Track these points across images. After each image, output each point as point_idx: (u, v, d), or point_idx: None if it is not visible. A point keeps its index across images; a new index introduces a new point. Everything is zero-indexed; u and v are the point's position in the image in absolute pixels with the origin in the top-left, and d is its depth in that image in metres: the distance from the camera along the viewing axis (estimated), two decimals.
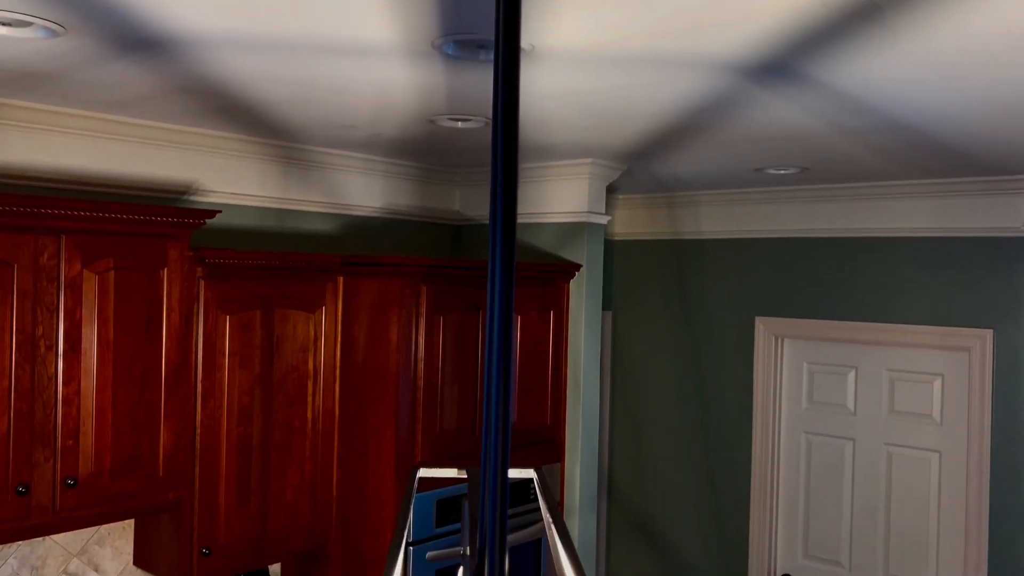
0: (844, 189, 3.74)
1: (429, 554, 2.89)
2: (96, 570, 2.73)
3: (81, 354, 2.34)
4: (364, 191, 3.43)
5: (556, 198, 3.39)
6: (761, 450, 4.12)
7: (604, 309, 4.51)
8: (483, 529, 0.77)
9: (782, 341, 4.10)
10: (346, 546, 2.97)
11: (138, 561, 2.81)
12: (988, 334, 3.48)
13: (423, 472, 1.26)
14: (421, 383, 2.88)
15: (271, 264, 2.75)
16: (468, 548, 1.06)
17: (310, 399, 2.91)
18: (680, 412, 4.41)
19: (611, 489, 4.70)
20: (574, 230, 3.38)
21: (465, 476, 1.22)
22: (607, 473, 4.70)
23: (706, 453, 4.31)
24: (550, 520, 1.02)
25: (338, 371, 2.97)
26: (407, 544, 2.85)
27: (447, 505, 2.93)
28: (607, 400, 4.69)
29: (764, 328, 4.10)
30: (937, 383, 3.69)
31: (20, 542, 2.56)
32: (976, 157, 2.88)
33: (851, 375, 3.93)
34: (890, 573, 3.82)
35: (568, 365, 3.45)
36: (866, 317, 3.80)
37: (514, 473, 1.23)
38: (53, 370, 2.29)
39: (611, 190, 4.10)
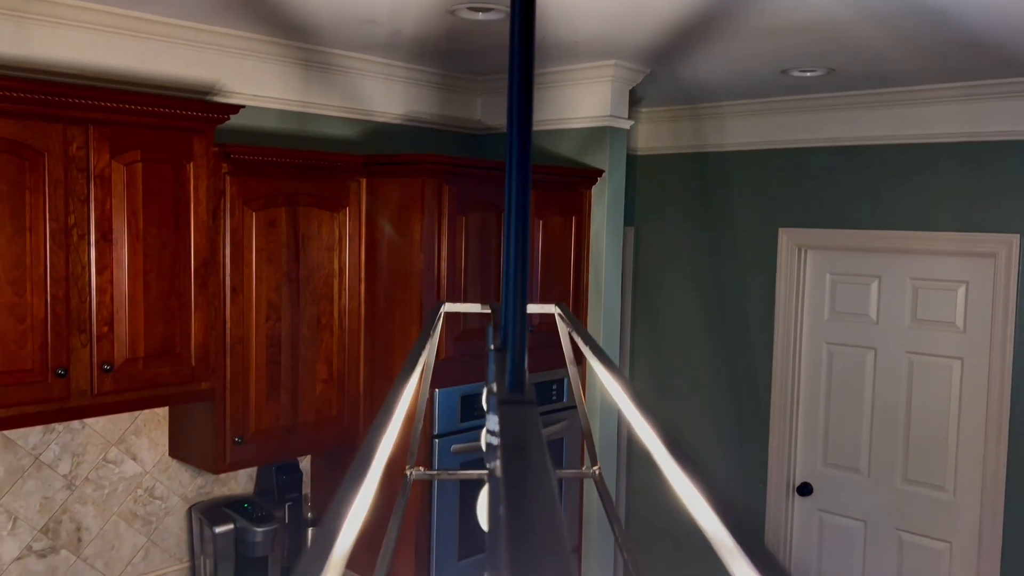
0: (869, 96, 3.69)
1: (454, 447, 2.97)
2: (134, 459, 2.83)
3: (112, 244, 2.39)
4: (385, 97, 3.44)
5: (578, 103, 3.38)
6: (782, 361, 4.15)
7: (626, 224, 4.52)
8: (505, 324, 0.79)
9: (805, 252, 4.09)
10: None
11: (173, 452, 2.91)
12: (1014, 239, 3.46)
13: (448, 307, 1.29)
14: (444, 283, 2.92)
15: (295, 162, 2.78)
16: (492, 385, 1.08)
17: (336, 297, 2.96)
18: (701, 325, 4.44)
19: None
20: (596, 136, 3.37)
21: (489, 311, 1.25)
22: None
23: (727, 365, 4.35)
24: (582, 344, 1.04)
25: (363, 270, 3.02)
26: (433, 436, 2.93)
27: (471, 401, 3.00)
28: (628, 314, 4.72)
29: (787, 239, 4.10)
30: (961, 291, 3.67)
31: (61, 430, 2.66)
32: (1009, 53, 2.82)
33: (874, 285, 3.92)
34: (908, 479, 3.86)
35: (590, 273, 3.47)
36: (890, 225, 3.78)
37: (534, 308, 1.26)
38: (86, 259, 2.35)
39: (635, 103, 4.07)
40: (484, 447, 1.11)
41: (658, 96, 3.98)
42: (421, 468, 1.31)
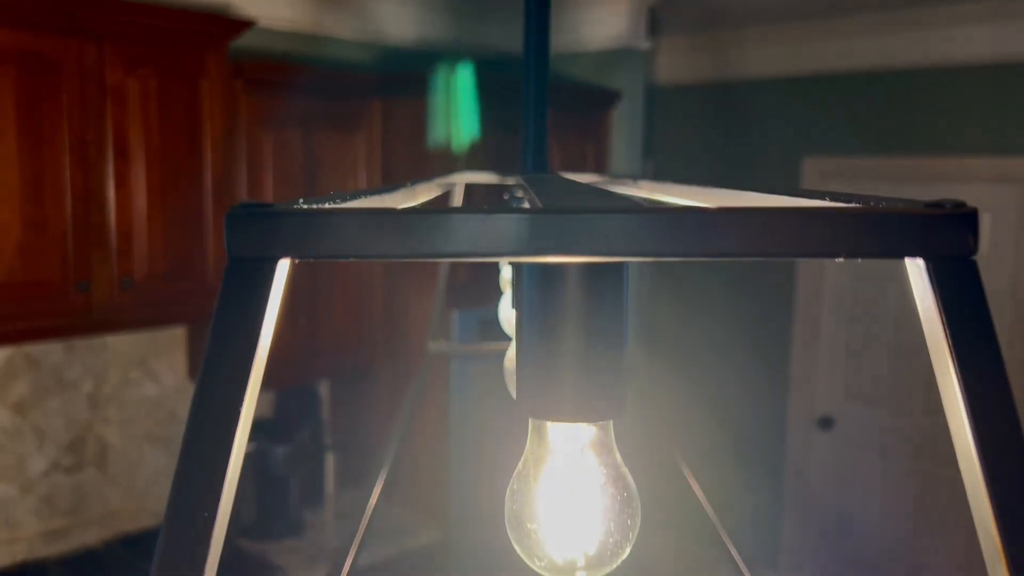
0: (895, 18, 3.60)
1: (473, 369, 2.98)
2: (155, 381, 2.87)
3: (129, 160, 2.40)
4: (399, 19, 3.39)
5: (595, 23, 3.32)
6: (804, 293, 4.11)
7: (645, 157, 4.47)
8: (525, 110, 0.78)
9: (828, 181, 4.03)
10: (392, 367, 3.07)
11: (193, 374, 2.94)
12: None
13: (468, 178, 1.28)
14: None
15: (308, 81, 2.76)
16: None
17: None
18: (722, 274, 4.40)
19: (652, 342, 4.75)
20: (614, 59, 3.32)
21: (510, 182, 1.23)
22: (647, 324, 4.74)
23: (747, 301, 4.32)
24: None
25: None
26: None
27: (489, 325, 3.00)
28: (648, 269, 4.69)
29: (811, 169, 4.03)
30: (987, 218, 3.61)
31: (83, 349, 2.69)
32: None
33: None
34: (930, 410, 3.84)
35: None
36: (916, 152, 3.71)
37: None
38: (104, 174, 2.36)
39: (656, 32, 4.00)
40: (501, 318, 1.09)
41: (679, 24, 3.91)
42: (443, 340, 1.31)
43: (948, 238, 0.27)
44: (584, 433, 0.39)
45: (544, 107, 0.74)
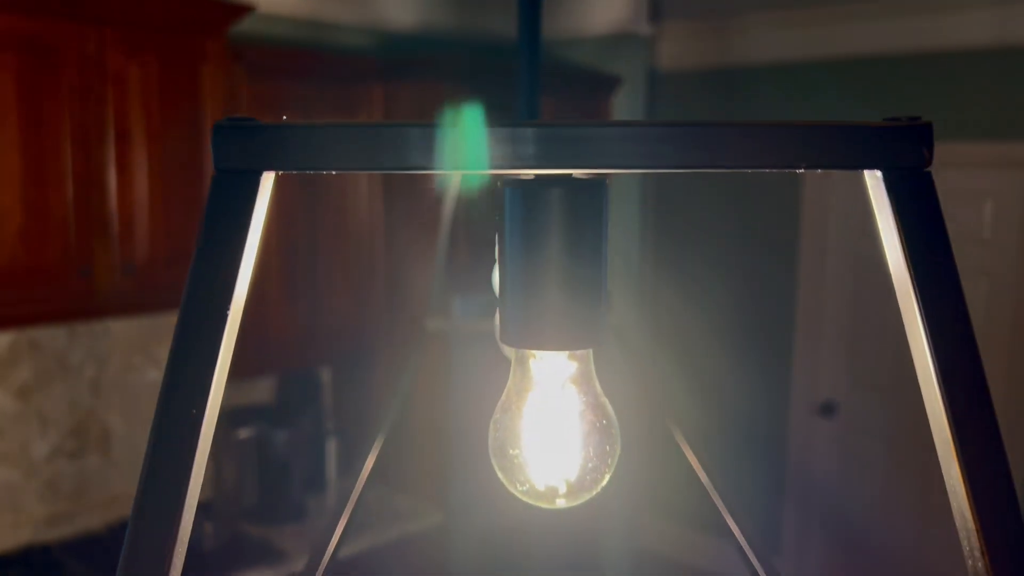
0: (898, 3, 3.60)
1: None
2: (156, 367, 2.88)
3: (131, 145, 2.41)
4: (400, 4, 3.39)
5: (596, 7, 3.32)
6: (808, 278, 4.11)
7: None
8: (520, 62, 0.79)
9: (831, 172, 4.03)
10: (394, 353, 3.08)
11: None
12: None
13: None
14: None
15: (309, 64, 2.77)
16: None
17: (352, 206, 2.97)
18: (723, 255, 4.40)
19: (654, 328, 4.76)
20: (615, 44, 3.32)
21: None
22: (649, 310, 4.75)
23: (749, 285, 4.33)
24: None
25: (380, 179, 3.02)
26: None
27: (492, 308, 3.01)
28: (649, 244, 4.70)
29: None
30: (988, 203, 3.61)
31: (86, 334, 2.70)
32: None
33: None
34: None
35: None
36: None
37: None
38: (105, 159, 2.37)
39: (657, 17, 4.00)
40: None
41: (681, 9, 3.90)
42: (441, 318, 1.32)
43: (904, 150, 0.27)
44: (564, 363, 0.40)
45: (537, 77, 0.75)
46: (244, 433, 2.88)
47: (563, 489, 0.40)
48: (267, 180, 0.28)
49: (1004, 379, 3.63)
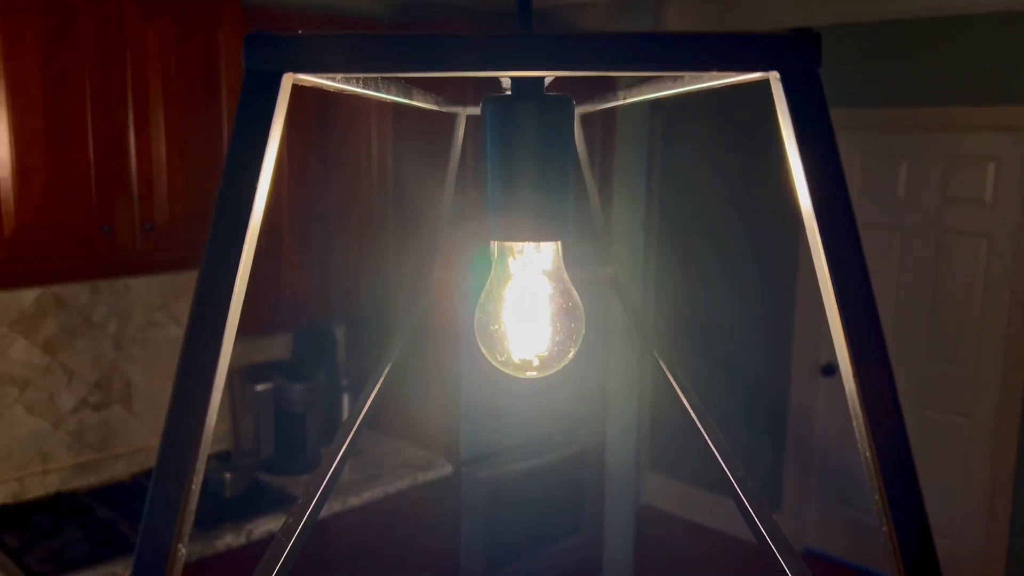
0: None
1: None
2: (176, 323, 2.98)
3: (149, 107, 2.48)
4: None
5: None
6: (808, 247, 4.16)
7: (653, 111, 4.51)
8: None
9: (840, 134, 4.06)
10: (405, 312, 3.17)
11: None
12: None
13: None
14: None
15: (321, 27, 2.82)
16: None
17: (364, 169, 3.04)
18: (725, 218, 4.46)
19: (658, 290, 4.83)
20: (623, 10, 3.36)
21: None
22: (655, 272, 4.82)
23: (752, 253, 4.38)
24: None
25: (391, 141, 3.08)
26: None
27: None
28: (655, 223, 4.75)
29: None
30: (991, 166, 3.65)
31: (108, 291, 2.80)
32: None
33: (903, 165, 3.90)
34: (931, 356, 3.91)
35: (616, 172, 3.49)
36: (921, 102, 3.74)
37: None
38: (124, 120, 2.44)
39: None
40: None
41: None
42: (449, 268, 1.39)
43: (797, 55, 0.35)
44: (536, 255, 0.47)
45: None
46: (261, 387, 2.98)
47: (536, 362, 0.48)
48: (287, 81, 0.35)
49: (1002, 338, 3.69)
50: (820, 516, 4.35)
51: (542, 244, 0.48)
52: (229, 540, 2.49)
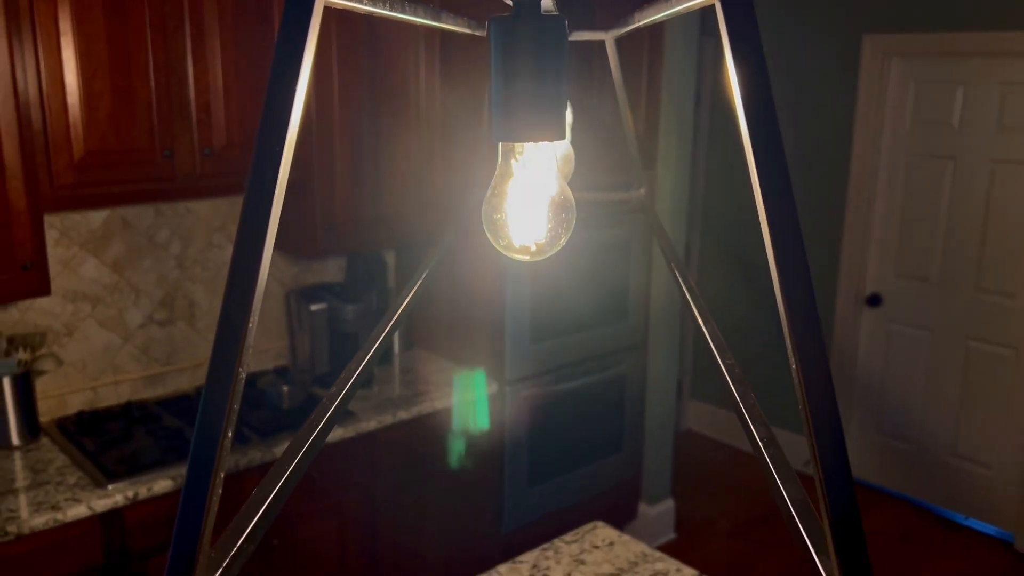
0: None
1: None
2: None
3: (205, 35, 2.58)
4: None
5: None
6: (859, 171, 4.14)
7: (703, 34, 4.46)
8: None
9: (889, 60, 3.99)
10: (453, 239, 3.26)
11: None
12: None
13: None
14: None
15: None
16: None
17: (413, 97, 3.11)
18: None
19: (706, 220, 4.85)
20: None
21: None
22: (701, 205, 4.83)
23: (802, 179, 4.36)
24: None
25: (439, 66, 3.13)
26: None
27: None
28: (705, 132, 4.73)
29: (871, 46, 3.99)
30: (960, 91, 3.59)
31: (170, 214, 2.95)
32: None
33: (959, 91, 3.82)
34: (980, 287, 3.89)
35: (662, 92, 3.49)
36: (977, 26, 3.64)
37: (584, 35, 1.36)
38: (183, 48, 2.54)
39: None
40: None
41: None
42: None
43: None
44: (534, 154, 0.55)
45: None
46: (316, 307, 3.13)
47: (533, 247, 0.56)
48: (319, 4, 0.43)
49: (976, 258, 3.68)
50: (859, 445, 4.41)
51: (538, 145, 0.55)
52: (286, 447, 2.66)
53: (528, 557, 2.12)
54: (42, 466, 2.48)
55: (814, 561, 0.42)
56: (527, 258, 0.57)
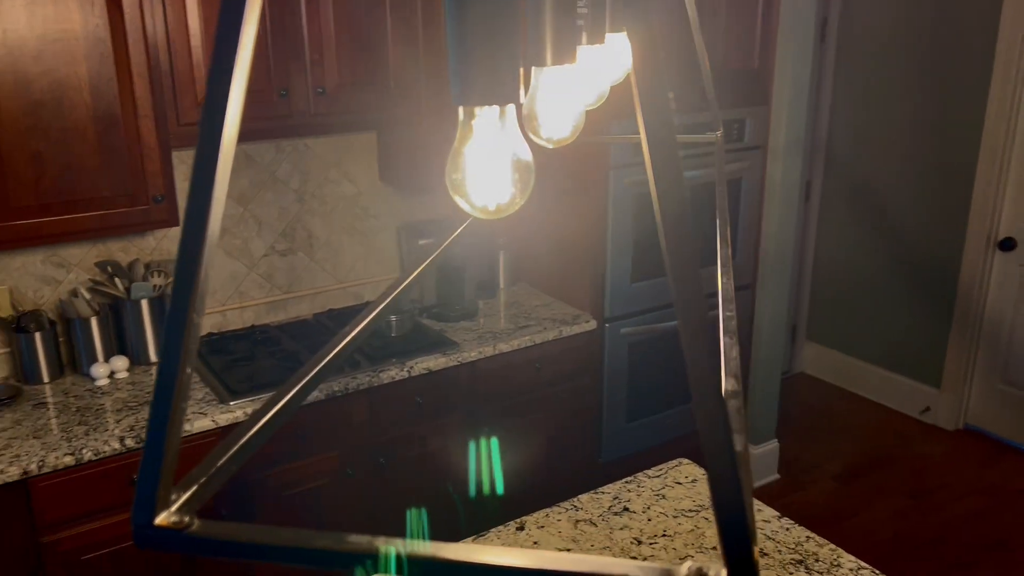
0: None
1: (623, 330, 3.21)
2: (348, 180, 3.28)
3: None
4: None
5: None
6: (997, 106, 3.85)
7: None
8: None
9: None
10: (558, 184, 3.29)
11: (383, 177, 3.33)
12: None
13: None
14: None
15: None
16: None
17: None
18: (906, 85, 4.17)
19: (828, 158, 4.65)
20: None
21: None
22: (825, 141, 4.64)
23: (932, 123, 4.11)
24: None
25: None
26: (603, 321, 3.12)
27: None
28: (830, 64, 4.51)
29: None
30: None
31: (290, 150, 3.12)
32: None
33: None
34: None
35: (780, 23, 3.35)
36: None
37: None
38: None
39: None
40: None
41: None
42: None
43: None
44: (493, 117, 0.60)
45: None
46: (424, 242, 3.26)
47: (492, 207, 0.62)
48: None
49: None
50: (982, 394, 4.21)
51: (497, 108, 0.60)
52: (393, 373, 2.82)
53: (611, 488, 2.19)
54: None
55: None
56: (486, 217, 0.62)
